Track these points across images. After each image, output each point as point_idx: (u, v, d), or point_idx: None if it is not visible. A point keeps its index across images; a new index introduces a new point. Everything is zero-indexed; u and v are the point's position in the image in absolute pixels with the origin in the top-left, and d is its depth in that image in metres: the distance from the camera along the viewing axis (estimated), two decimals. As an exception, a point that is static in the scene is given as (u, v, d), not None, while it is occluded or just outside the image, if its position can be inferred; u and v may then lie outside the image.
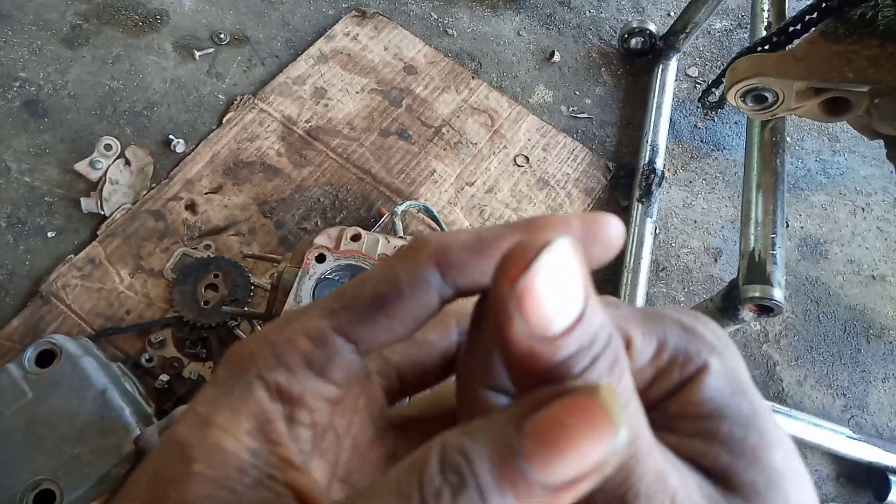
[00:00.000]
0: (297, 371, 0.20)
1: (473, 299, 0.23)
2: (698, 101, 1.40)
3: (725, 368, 0.22)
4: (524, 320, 0.16)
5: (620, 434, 0.15)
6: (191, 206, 1.17)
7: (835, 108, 0.82)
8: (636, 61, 1.44)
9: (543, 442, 0.15)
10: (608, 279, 1.19)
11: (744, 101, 0.84)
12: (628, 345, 0.21)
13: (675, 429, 0.21)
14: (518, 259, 0.17)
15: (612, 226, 0.22)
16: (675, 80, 1.41)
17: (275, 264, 1.09)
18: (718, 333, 0.23)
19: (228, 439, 0.19)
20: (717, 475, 0.20)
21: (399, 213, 1.13)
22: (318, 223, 1.19)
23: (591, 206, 1.29)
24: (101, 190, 1.15)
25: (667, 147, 1.33)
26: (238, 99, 1.28)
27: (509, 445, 0.16)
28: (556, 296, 0.17)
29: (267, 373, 0.20)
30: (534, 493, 0.15)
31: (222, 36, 1.33)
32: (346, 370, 0.21)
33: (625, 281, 1.18)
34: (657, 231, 1.27)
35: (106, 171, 1.16)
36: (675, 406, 0.22)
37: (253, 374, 0.20)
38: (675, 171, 1.35)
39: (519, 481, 0.15)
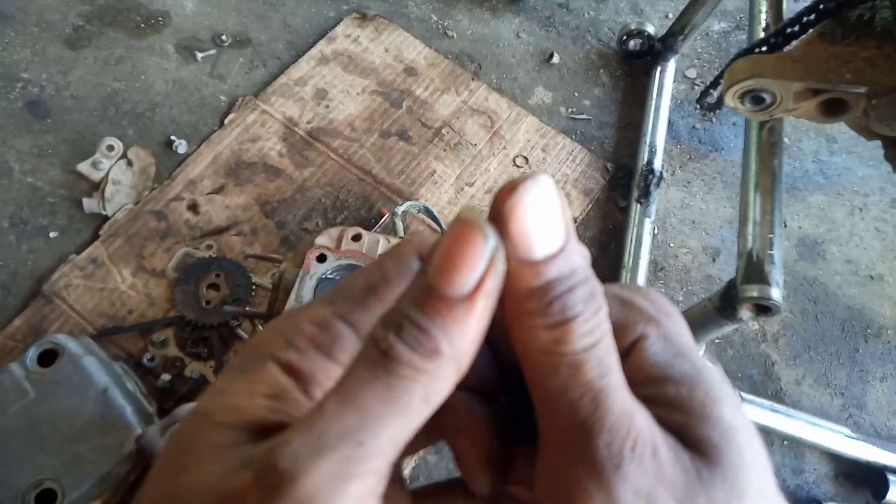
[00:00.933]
0: (306, 352, 0.22)
1: None
2: (696, 102, 1.41)
3: (663, 334, 0.23)
4: (510, 242, 0.19)
5: (487, 233, 0.18)
6: (193, 207, 1.18)
7: (832, 109, 0.82)
8: (635, 63, 1.45)
9: (440, 267, 0.19)
10: (607, 279, 1.20)
11: (742, 103, 0.85)
12: None
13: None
14: (508, 188, 0.19)
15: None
16: (674, 81, 1.41)
17: (276, 264, 1.10)
18: (658, 303, 0.24)
19: (245, 401, 0.21)
20: (675, 434, 0.21)
21: (399, 213, 1.13)
22: (320, 223, 1.19)
23: (589, 207, 1.29)
24: (104, 190, 1.15)
25: (665, 148, 1.33)
26: (240, 100, 1.28)
27: (421, 286, 0.19)
28: (538, 225, 0.19)
29: (279, 352, 0.22)
30: (453, 305, 0.18)
31: (224, 37, 1.34)
32: (349, 351, 0.22)
33: (623, 280, 1.18)
34: (655, 231, 1.27)
35: (108, 172, 1.17)
36: (624, 376, 0.22)
37: (265, 355, 0.22)
38: (674, 172, 1.35)
39: (437, 302, 0.18)
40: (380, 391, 0.18)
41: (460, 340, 0.19)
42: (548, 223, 0.19)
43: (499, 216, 0.19)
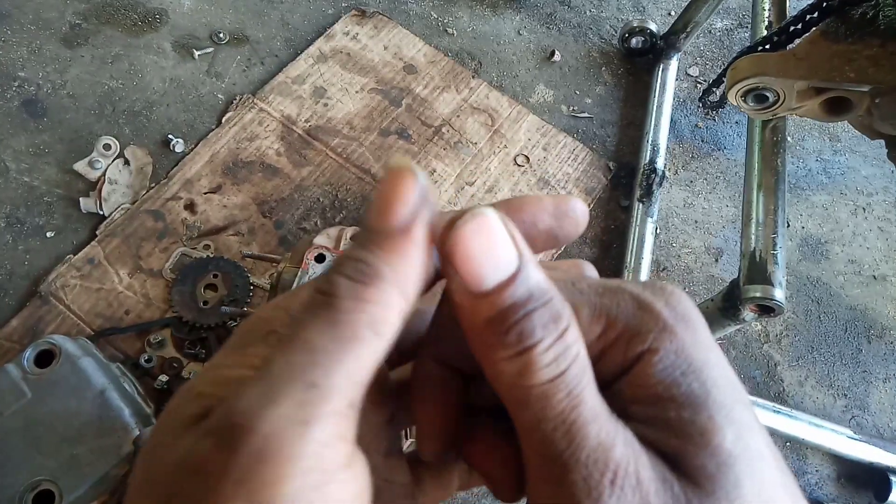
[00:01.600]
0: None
1: None
2: (699, 100, 1.40)
3: (676, 347, 0.21)
4: (460, 276, 0.19)
5: (416, 172, 0.20)
6: (190, 206, 1.17)
7: (836, 107, 0.81)
8: (637, 61, 1.44)
9: (377, 210, 0.20)
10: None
11: (745, 101, 0.84)
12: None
13: (630, 415, 0.21)
14: (447, 226, 0.19)
15: (578, 206, 0.25)
16: (676, 79, 1.40)
17: (274, 264, 1.09)
18: (679, 308, 0.22)
19: (234, 373, 0.20)
20: (671, 460, 0.20)
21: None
22: (318, 223, 1.19)
23: (591, 206, 1.28)
24: (100, 190, 1.14)
25: (667, 147, 1.32)
26: (237, 98, 1.28)
27: (362, 233, 0.20)
28: (483, 255, 0.19)
29: (281, 328, 0.21)
30: (390, 236, 0.20)
31: (221, 35, 1.33)
32: None
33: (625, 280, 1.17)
34: (658, 231, 1.27)
35: (105, 171, 1.16)
36: (628, 390, 0.22)
37: (265, 331, 0.22)
38: (676, 171, 1.34)
39: (375, 236, 0.20)
40: (325, 329, 0.18)
41: (401, 265, 0.19)
42: (494, 252, 0.19)
43: (444, 254, 0.19)
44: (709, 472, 0.19)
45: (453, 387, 0.25)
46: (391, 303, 0.19)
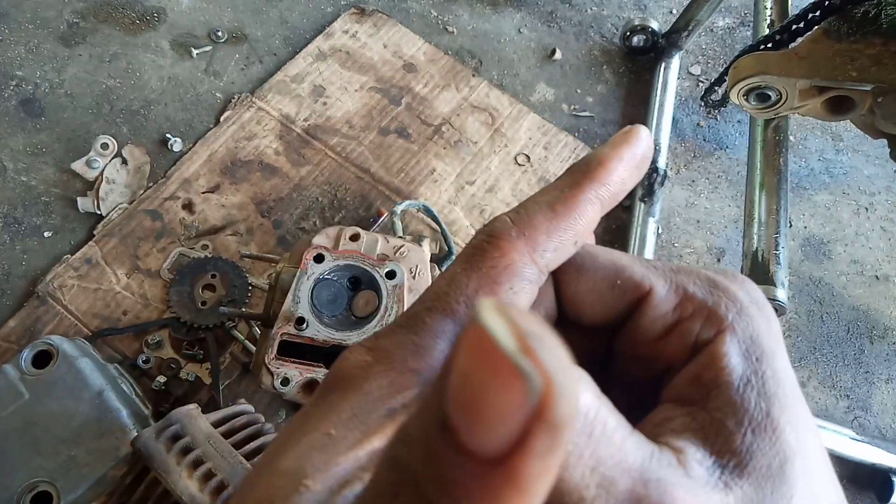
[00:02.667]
0: None
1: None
2: (701, 99, 1.39)
3: (752, 331, 0.21)
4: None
5: (522, 361, 0.11)
6: (188, 206, 1.16)
7: (838, 106, 0.81)
8: (638, 59, 1.43)
9: (456, 396, 0.12)
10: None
11: (747, 100, 0.83)
12: (649, 293, 0.22)
13: (692, 398, 0.21)
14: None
15: (644, 136, 0.24)
16: (678, 78, 1.40)
17: (273, 264, 1.09)
18: (754, 294, 0.22)
19: (342, 463, 0.19)
20: (728, 446, 0.19)
21: (398, 212, 1.12)
22: (317, 223, 1.18)
23: (592, 206, 1.28)
24: (98, 189, 1.14)
25: (669, 146, 1.32)
26: (236, 97, 1.27)
27: (437, 417, 0.12)
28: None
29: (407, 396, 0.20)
30: (482, 472, 0.12)
31: (220, 34, 1.33)
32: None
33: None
34: (660, 231, 1.26)
35: (103, 171, 1.15)
36: (696, 369, 0.21)
37: (381, 399, 0.20)
38: (678, 170, 1.34)
39: (452, 454, 0.12)
40: None
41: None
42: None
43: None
44: (772, 468, 0.19)
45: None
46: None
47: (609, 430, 0.17)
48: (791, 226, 1.30)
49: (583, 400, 0.16)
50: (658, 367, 0.23)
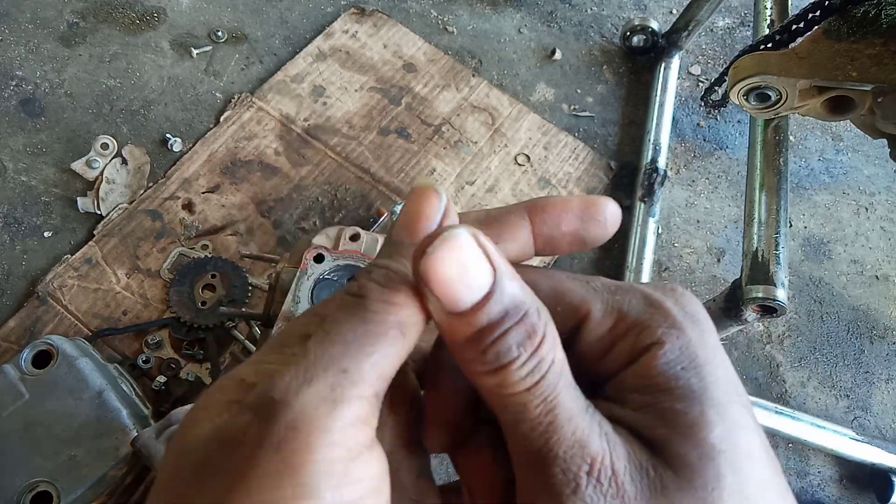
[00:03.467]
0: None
1: None
2: (701, 99, 1.39)
3: (682, 343, 0.22)
4: (436, 298, 0.20)
5: (440, 192, 0.22)
6: (188, 206, 1.16)
7: (838, 106, 0.81)
8: (638, 59, 1.43)
9: (402, 225, 0.23)
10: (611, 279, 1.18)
11: (747, 100, 0.83)
12: (586, 317, 0.24)
13: (626, 401, 0.23)
14: (419, 249, 0.20)
15: (609, 209, 0.25)
16: (678, 78, 1.39)
17: (273, 264, 1.09)
18: (688, 308, 0.24)
19: (273, 367, 0.22)
20: (656, 448, 0.21)
21: (398, 212, 1.12)
22: (317, 223, 1.18)
23: (592, 206, 1.28)
24: (98, 189, 1.14)
25: (669, 146, 1.31)
26: (236, 97, 1.27)
27: (387, 246, 0.23)
28: (458, 277, 0.20)
29: (313, 329, 0.23)
30: (416, 249, 0.20)
31: (220, 34, 1.33)
32: None
33: (627, 281, 1.17)
34: (659, 231, 1.26)
35: (103, 171, 1.15)
36: (630, 379, 0.23)
37: (302, 334, 0.23)
38: (678, 171, 1.34)
39: (401, 249, 0.22)
40: (357, 325, 0.20)
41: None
42: (467, 274, 0.20)
43: (419, 276, 0.20)
44: (690, 462, 0.20)
45: (464, 378, 0.25)
46: (418, 310, 0.21)
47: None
48: (791, 226, 1.30)
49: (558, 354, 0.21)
50: (601, 380, 0.24)
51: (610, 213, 0.25)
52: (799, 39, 0.82)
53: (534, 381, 0.20)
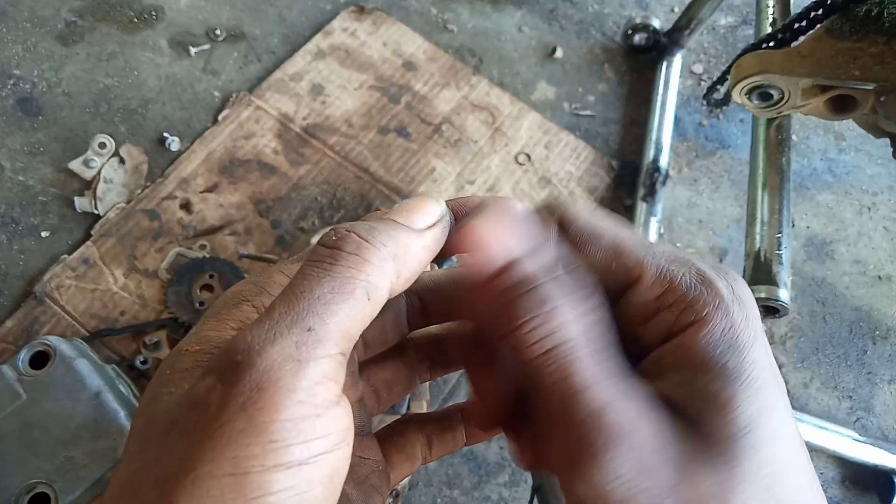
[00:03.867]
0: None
1: None
2: (703, 98, 1.38)
3: (725, 324, 0.23)
4: (473, 253, 0.22)
5: (441, 203, 0.25)
6: (186, 206, 1.16)
7: (841, 105, 0.80)
8: (640, 58, 1.42)
9: (400, 210, 0.24)
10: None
11: (749, 99, 0.83)
12: (639, 279, 0.24)
13: (663, 377, 0.23)
14: (473, 207, 0.23)
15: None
16: (680, 76, 1.39)
17: (271, 265, 1.08)
18: (738, 291, 0.24)
19: (214, 333, 0.23)
20: (686, 423, 0.22)
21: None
22: (316, 222, 1.17)
23: (594, 205, 1.27)
24: (95, 189, 1.13)
25: (671, 145, 1.31)
26: (234, 96, 1.26)
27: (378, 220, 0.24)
28: (498, 238, 0.21)
29: (252, 297, 0.24)
30: (403, 226, 0.23)
31: (218, 32, 1.32)
32: None
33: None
34: (661, 230, 1.25)
35: (100, 170, 1.15)
36: (668, 356, 0.23)
37: (239, 300, 0.24)
38: (680, 170, 1.33)
39: (391, 221, 0.23)
40: (325, 281, 0.21)
41: (403, 243, 0.22)
42: (505, 236, 0.22)
43: (465, 231, 0.22)
44: (716, 441, 0.21)
45: (497, 361, 0.27)
46: (386, 269, 0.22)
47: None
48: (794, 226, 1.29)
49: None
50: (639, 348, 0.25)
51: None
52: (801, 38, 0.81)
53: (545, 349, 0.21)
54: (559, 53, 1.41)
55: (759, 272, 0.80)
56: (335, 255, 0.21)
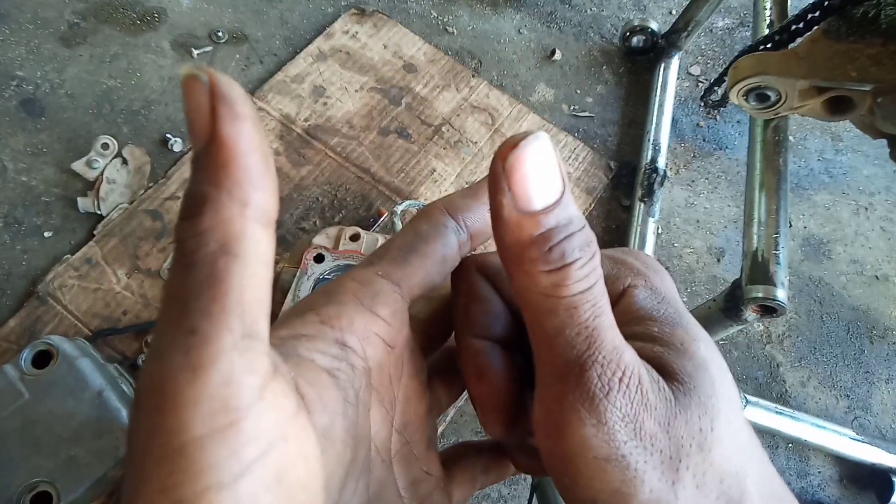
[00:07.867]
0: (346, 305, 0.23)
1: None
2: (700, 99, 1.39)
3: (650, 284, 0.26)
4: (512, 194, 0.21)
5: (200, 75, 0.18)
6: (188, 206, 1.16)
7: (838, 107, 0.81)
8: (638, 59, 1.43)
9: (188, 128, 0.19)
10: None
11: (746, 100, 0.83)
12: None
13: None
14: (509, 144, 0.21)
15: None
16: (678, 78, 1.40)
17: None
18: (647, 262, 0.27)
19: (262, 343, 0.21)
20: (656, 366, 0.23)
21: (398, 212, 1.12)
22: (317, 223, 1.18)
23: (592, 206, 1.28)
24: (98, 189, 1.14)
25: (669, 146, 1.32)
26: (236, 98, 1.27)
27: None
28: (537, 178, 0.21)
29: (319, 307, 0.24)
30: (205, 150, 0.19)
31: (220, 34, 1.33)
32: (391, 306, 0.24)
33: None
34: (659, 231, 1.26)
35: (103, 171, 1.15)
36: (616, 317, 0.24)
37: (306, 309, 0.24)
38: (678, 171, 1.34)
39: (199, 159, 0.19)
40: (183, 278, 0.18)
41: (230, 176, 0.18)
42: (546, 176, 0.21)
43: (500, 171, 0.21)
44: (688, 371, 0.23)
45: (502, 358, 0.27)
46: (232, 217, 0.18)
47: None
48: (791, 226, 1.30)
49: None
50: None
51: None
52: (798, 40, 0.82)
53: (589, 285, 0.22)
54: (558, 56, 1.42)
55: (757, 272, 0.81)
56: (177, 248, 0.18)
